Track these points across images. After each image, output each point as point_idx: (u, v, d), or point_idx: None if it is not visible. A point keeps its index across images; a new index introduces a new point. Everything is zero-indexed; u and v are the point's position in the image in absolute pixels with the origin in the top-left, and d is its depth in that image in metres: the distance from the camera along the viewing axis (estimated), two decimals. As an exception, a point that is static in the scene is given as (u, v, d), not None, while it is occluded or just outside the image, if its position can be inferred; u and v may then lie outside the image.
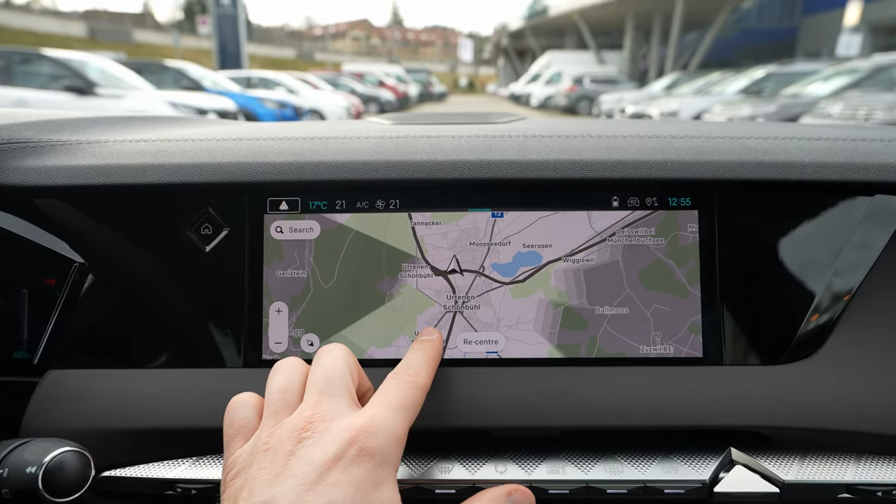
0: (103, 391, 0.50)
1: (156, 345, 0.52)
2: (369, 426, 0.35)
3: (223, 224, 0.52)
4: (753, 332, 0.50)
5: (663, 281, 0.50)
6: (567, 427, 0.49)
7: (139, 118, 0.72)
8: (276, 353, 0.51)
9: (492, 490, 0.41)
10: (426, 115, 0.74)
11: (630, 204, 0.51)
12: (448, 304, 0.51)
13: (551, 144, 0.53)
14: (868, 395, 0.48)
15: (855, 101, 5.71)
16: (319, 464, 0.33)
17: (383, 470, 0.35)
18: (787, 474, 0.47)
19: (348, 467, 0.33)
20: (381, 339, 0.51)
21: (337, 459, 0.33)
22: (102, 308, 0.52)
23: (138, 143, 0.56)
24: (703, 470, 0.47)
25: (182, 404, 0.50)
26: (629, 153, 0.51)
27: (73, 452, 0.43)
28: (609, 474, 0.47)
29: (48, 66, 6.34)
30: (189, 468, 0.49)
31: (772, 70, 9.81)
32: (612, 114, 12.65)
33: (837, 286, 0.49)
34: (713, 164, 0.50)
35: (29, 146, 0.54)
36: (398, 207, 0.51)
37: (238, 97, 8.56)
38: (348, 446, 0.34)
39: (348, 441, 0.34)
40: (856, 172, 0.49)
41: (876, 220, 0.49)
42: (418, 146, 0.53)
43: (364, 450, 0.34)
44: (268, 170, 0.51)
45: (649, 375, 0.49)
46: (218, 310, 0.51)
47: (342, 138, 0.55)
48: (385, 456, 0.35)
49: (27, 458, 0.41)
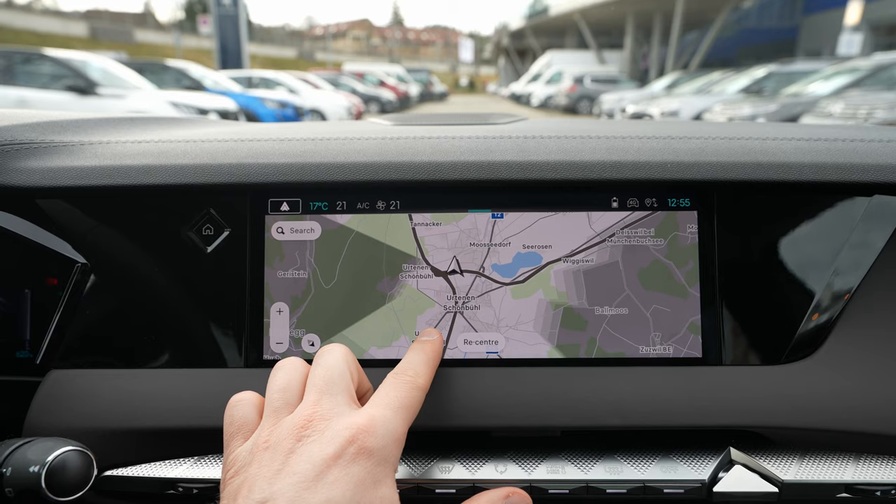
0: (105, 391, 0.50)
1: (157, 345, 0.52)
2: (369, 425, 0.35)
3: (225, 225, 0.52)
4: (753, 332, 0.50)
5: (663, 281, 0.50)
6: (567, 427, 0.49)
7: (141, 119, 0.72)
8: (277, 354, 0.51)
9: (489, 493, 0.41)
10: (427, 115, 0.74)
11: (629, 204, 0.51)
12: (448, 304, 0.51)
13: (551, 145, 0.53)
14: (867, 394, 0.48)
15: (856, 101, 5.71)
16: (319, 462, 0.33)
17: (382, 469, 0.35)
18: (787, 474, 0.47)
19: (348, 466, 0.33)
20: (382, 339, 0.51)
21: (336, 458, 0.33)
22: (104, 308, 0.52)
23: (140, 144, 0.56)
24: (703, 470, 0.48)
25: (184, 404, 0.50)
26: (628, 154, 0.52)
27: (76, 452, 0.43)
28: (609, 474, 0.47)
29: (49, 65, 6.35)
30: (191, 468, 0.49)
31: (772, 69, 9.80)
32: (612, 113, 12.64)
33: (836, 286, 0.49)
34: (712, 165, 0.50)
35: (32, 147, 0.54)
36: (399, 208, 0.51)
37: (239, 97, 8.56)
38: (348, 445, 0.34)
39: (348, 440, 0.34)
40: (854, 173, 0.49)
41: (875, 221, 0.49)
42: (419, 147, 0.54)
43: (363, 449, 0.34)
44: (269, 171, 0.51)
45: (649, 375, 0.49)
46: (219, 310, 0.51)
47: (343, 139, 0.56)
48: (384, 455, 0.35)
49: (30, 458, 0.42)
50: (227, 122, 0.83)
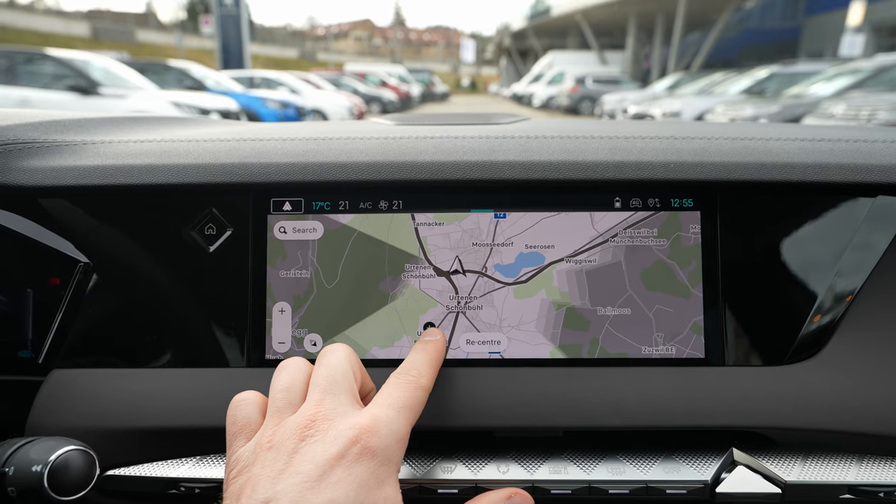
0: (107, 390, 0.50)
1: (159, 344, 0.52)
2: (372, 425, 0.35)
3: (227, 224, 0.52)
4: (755, 332, 0.50)
5: (665, 282, 0.50)
6: (569, 427, 0.49)
7: (143, 118, 0.72)
8: (279, 353, 0.51)
9: (492, 493, 0.41)
10: (429, 115, 0.74)
11: (632, 205, 0.51)
12: (451, 304, 0.51)
13: (554, 145, 0.53)
14: (870, 396, 0.48)
15: (858, 102, 5.70)
16: (322, 462, 0.33)
17: (385, 469, 0.35)
18: (789, 475, 0.47)
19: (351, 466, 0.33)
20: (384, 339, 0.51)
21: (340, 458, 0.33)
22: (106, 308, 0.52)
23: (142, 144, 0.56)
24: (705, 470, 0.47)
25: (186, 404, 0.50)
26: (631, 154, 0.51)
27: (78, 451, 0.43)
28: (611, 474, 0.47)
29: (52, 65, 6.35)
30: (193, 467, 0.49)
31: (775, 70, 9.79)
32: (614, 114, 12.64)
33: (839, 287, 0.49)
34: (715, 165, 0.50)
35: (34, 146, 0.54)
36: (401, 208, 0.51)
37: (241, 97, 8.57)
38: (351, 445, 0.34)
39: (351, 440, 0.34)
40: (858, 174, 0.49)
41: (878, 222, 0.49)
42: (421, 147, 0.53)
43: (367, 449, 0.34)
44: (271, 170, 0.51)
45: (651, 376, 0.49)
46: (221, 310, 0.51)
47: (345, 139, 0.56)
48: (387, 455, 0.35)
49: (32, 457, 0.42)
50: (230, 122, 0.83)
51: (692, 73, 15.37)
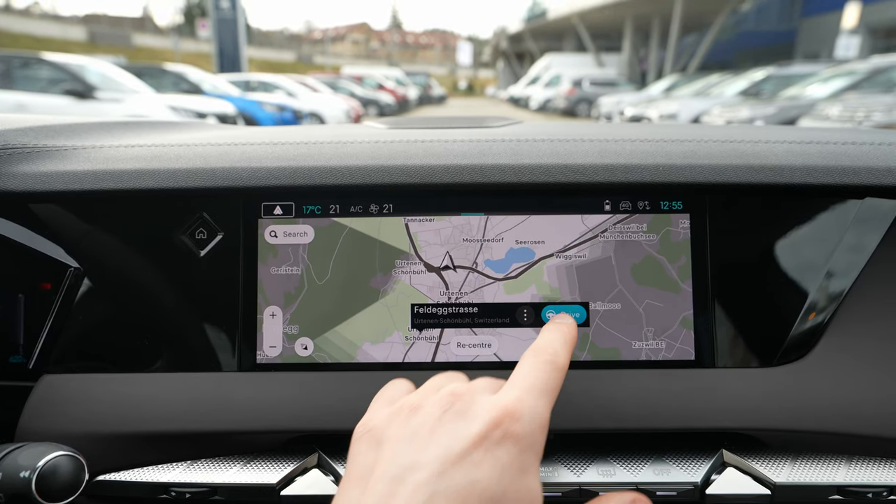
0: (98, 395, 0.50)
1: (150, 349, 0.52)
2: (515, 409, 0.34)
3: (218, 229, 0.52)
4: (745, 334, 0.50)
5: (655, 277, 0.50)
6: (559, 430, 0.49)
7: (135, 123, 0.72)
8: (270, 357, 0.51)
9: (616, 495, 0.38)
10: (422, 119, 0.74)
11: (622, 207, 0.51)
12: (441, 300, 0.51)
13: (544, 148, 0.53)
14: (859, 397, 0.48)
15: (853, 103, 5.72)
16: (464, 439, 0.32)
17: (528, 456, 0.33)
18: (779, 476, 0.47)
19: (493, 449, 0.32)
20: (375, 335, 0.51)
21: (482, 439, 0.32)
22: (98, 313, 0.52)
23: (133, 149, 0.56)
24: (695, 472, 0.48)
25: (177, 408, 0.50)
26: (620, 157, 0.52)
27: (67, 457, 0.43)
28: (601, 477, 0.47)
29: (48, 69, 6.34)
30: (183, 472, 0.49)
31: (771, 72, 9.82)
32: (611, 116, 12.66)
33: (828, 289, 0.49)
34: (704, 167, 0.50)
35: (24, 152, 0.54)
36: (391, 211, 0.51)
37: (237, 101, 8.56)
38: (494, 427, 0.33)
39: (494, 422, 0.33)
40: (845, 176, 0.50)
41: (866, 223, 0.50)
42: (412, 151, 0.54)
43: (509, 434, 0.33)
44: (262, 175, 0.51)
45: (642, 378, 0.49)
46: (212, 314, 0.51)
47: (336, 143, 0.56)
48: (530, 442, 0.33)
49: (21, 463, 0.41)
50: (222, 126, 0.83)
51: (689, 75, 15.41)
